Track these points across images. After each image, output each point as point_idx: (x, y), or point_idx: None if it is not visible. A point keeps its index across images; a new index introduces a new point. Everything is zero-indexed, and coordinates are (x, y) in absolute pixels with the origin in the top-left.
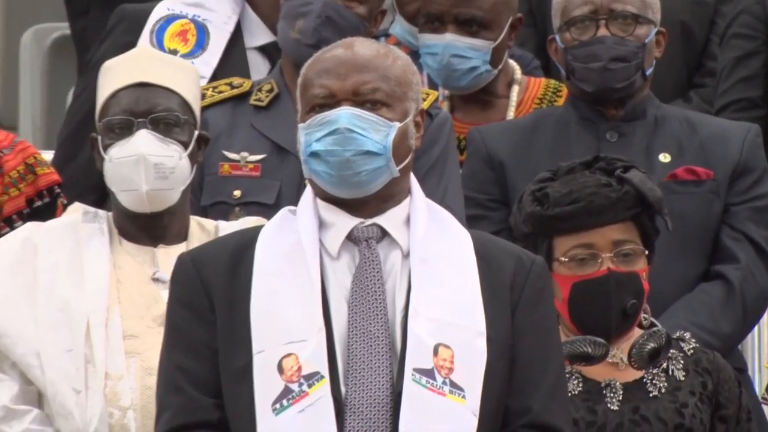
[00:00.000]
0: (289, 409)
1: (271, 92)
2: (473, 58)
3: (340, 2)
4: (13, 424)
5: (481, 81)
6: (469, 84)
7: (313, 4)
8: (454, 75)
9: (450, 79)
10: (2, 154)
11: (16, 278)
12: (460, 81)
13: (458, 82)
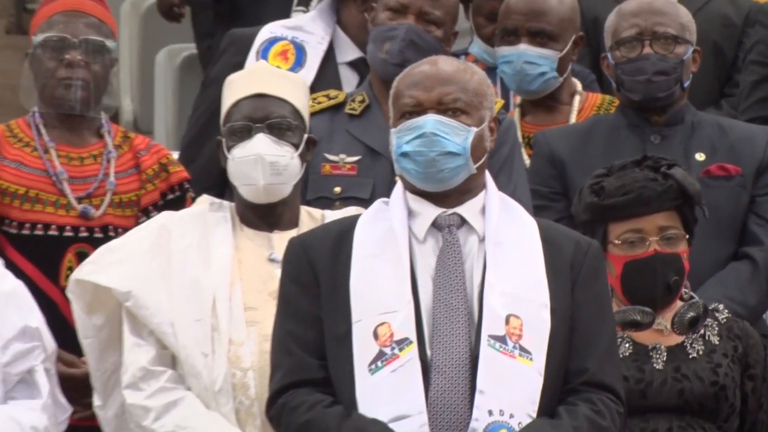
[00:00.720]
0: (383, 369)
1: (363, 103)
2: (542, 65)
3: (421, 27)
4: (151, 383)
5: (548, 86)
6: (538, 88)
7: (398, 29)
8: (526, 79)
9: (522, 83)
10: (140, 155)
11: (153, 259)
12: (531, 85)
13: (529, 86)
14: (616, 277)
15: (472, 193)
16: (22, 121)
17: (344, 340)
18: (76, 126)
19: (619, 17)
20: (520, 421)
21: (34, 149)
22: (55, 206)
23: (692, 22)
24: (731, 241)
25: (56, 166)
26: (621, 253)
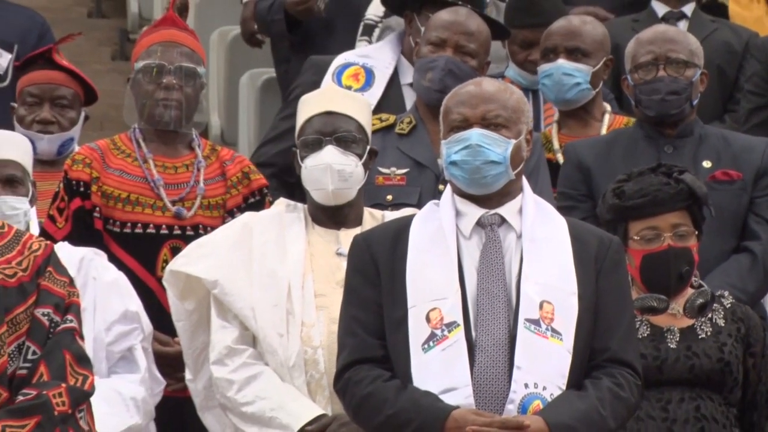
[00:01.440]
0: (434, 348)
1: (410, 124)
2: (578, 77)
3: (458, 59)
4: (234, 359)
5: (583, 96)
6: (574, 97)
7: (437, 60)
8: (563, 89)
9: (560, 93)
10: (226, 164)
11: (236, 252)
12: (568, 94)
13: (566, 94)
14: (636, 268)
15: (511, 195)
16: (125, 136)
17: (401, 323)
18: (171, 140)
19: (637, 45)
20: (551, 392)
21: (134, 159)
22: (152, 208)
23: (700, 48)
24: (733, 237)
25: (154, 174)
26: (639, 247)
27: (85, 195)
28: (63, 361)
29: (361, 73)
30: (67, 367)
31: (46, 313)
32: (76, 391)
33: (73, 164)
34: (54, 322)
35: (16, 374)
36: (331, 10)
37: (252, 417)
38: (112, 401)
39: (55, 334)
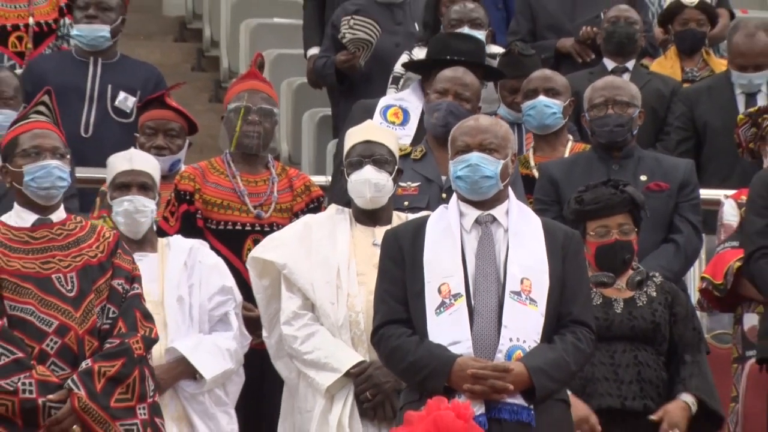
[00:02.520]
0: (444, 312)
1: (422, 152)
2: (554, 108)
3: (457, 103)
4: (298, 321)
5: (557, 123)
6: (552, 122)
7: (442, 104)
8: (544, 117)
9: (542, 120)
10: (293, 180)
11: (300, 243)
12: (548, 120)
13: (546, 120)
14: (591, 255)
15: (500, 201)
16: (219, 159)
17: (419, 294)
18: (253, 161)
19: (592, 90)
20: (529, 345)
21: (226, 176)
22: (239, 211)
23: (638, 93)
24: (663, 231)
25: (240, 186)
26: (594, 240)
27: (190, 202)
28: (135, 318)
29: (399, 112)
30: (138, 322)
31: (119, 283)
32: (147, 339)
33: (181, 179)
34: (125, 290)
35: (102, 329)
36: (368, 66)
37: (311, 362)
38: (213, 351)
39: (126, 298)
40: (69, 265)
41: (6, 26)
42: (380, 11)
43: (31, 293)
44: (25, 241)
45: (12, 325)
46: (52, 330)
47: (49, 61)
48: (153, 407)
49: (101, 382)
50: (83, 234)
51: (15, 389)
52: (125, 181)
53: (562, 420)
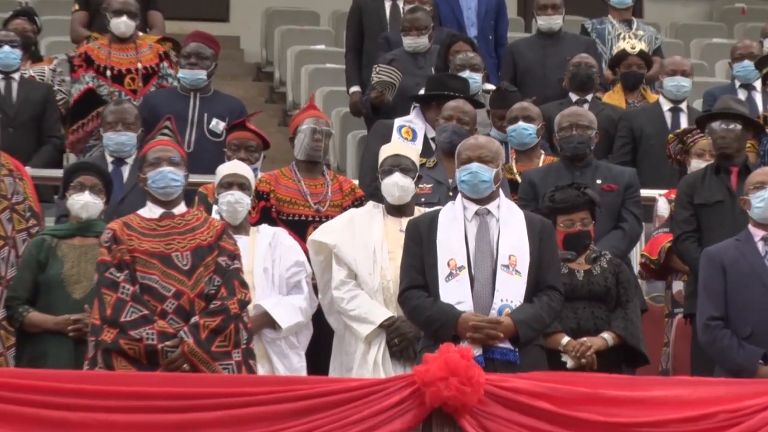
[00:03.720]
0: (451, 280)
1: (434, 162)
2: (530, 130)
3: (459, 126)
4: (345, 287)
5: (532, 141)
6: (529, 141)
7: (448, 127)
8: (522, 137)
9: (521, 139)
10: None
11: (346, 230)
12: (526, 139)
13: (525, 139)
14: (560, 240)
15: (493, 198)
16: (287, 168)
17: (433, 266)
18: (312, 169)
19: (561, 117)
20: (515, 304)
21: (293, 180)
22: (303, 206)
23: (595, 119)
24: (613, 221)
25: (304, 188)
26: (563, 230)
27: (267, 199)
28: (233, 285)
29: (409, 131)
30: (236, 288)
31: (223, 260)
32: (242, 301)
33: (259, 182)
34: (228, 264)
35: (208, 293)
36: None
37: (354, 317)
38: (289, 308)
39: (228, 271)
40: (185, 246)
41: (122, 70)
42: (408, 58)
43: (156, 267)
44: (153, 228)
45: (142, 291)
46: (170, 294)
47: (160, 95)
48: (246, 352)
49: (205, 333)
50: (198, 223)
51: (141, 337)
52: (229, 181)
53: (538, 359)
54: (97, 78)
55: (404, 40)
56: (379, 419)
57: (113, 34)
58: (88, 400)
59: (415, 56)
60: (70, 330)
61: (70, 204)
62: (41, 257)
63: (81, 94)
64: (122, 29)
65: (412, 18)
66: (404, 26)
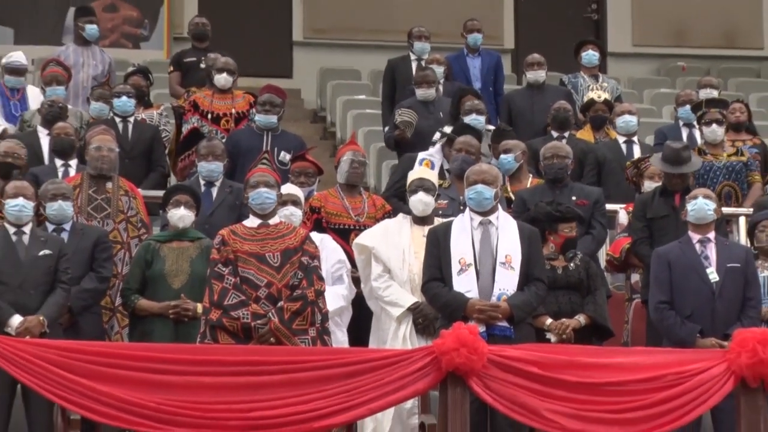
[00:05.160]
0: (462, 274)
1: (449, 184)
2: (509, 159)
3: (467, 156)
4: (381, 278)
5: (512, 167)
6: (510, 167)
7: (459, 157)
8: (504, 165)
9: (505, 166)
10: (375, 200)
11: (381, 235)
12: (507, 166)
13: (507, 167)
14: (560, 243)
15: (493, 212)
16: (334, 189)
17: (448, 263)
18: (352, 190)
19: (545, 149)
20: (510, 292)
21: (338, 198)
22: (346, 218)
23: (571, 150)
24: (584, 228)
25: (346, 204)
26: (564, 234)
27: (318, 213)
28: (312, 279)
29: (429, 162)
30: (314, 281)
31: (306, 259)
32: (318, 291)
33: (312, 200)
34: (308, 263)
35: (292, 284)
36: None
37: (388, 302)
38: (334, 296)
39: (309, 267)
40: (276, 248)
41: (219, 114)
42: (421, 105)
43: (252, 264)
44: (252, 234)
45: (241, 281)
46: (263, 285)
47: (241, 133)
48: (321, 330)
49: (288, 314)
50: (287, 231)
51: (239, 317)
52: (285, 199)
53: (528, 335)
54: (200, 120)
55: (417, 91)
56: (407, 380)
57: (215, 86)
58: (184, 366)
59: (426, 104)
60: (171, 313)
61: (169, 216)
62: (148, 257)
63: (188, 133)
64: (222, 83)
65: (423, 75)
66: (416, 80)
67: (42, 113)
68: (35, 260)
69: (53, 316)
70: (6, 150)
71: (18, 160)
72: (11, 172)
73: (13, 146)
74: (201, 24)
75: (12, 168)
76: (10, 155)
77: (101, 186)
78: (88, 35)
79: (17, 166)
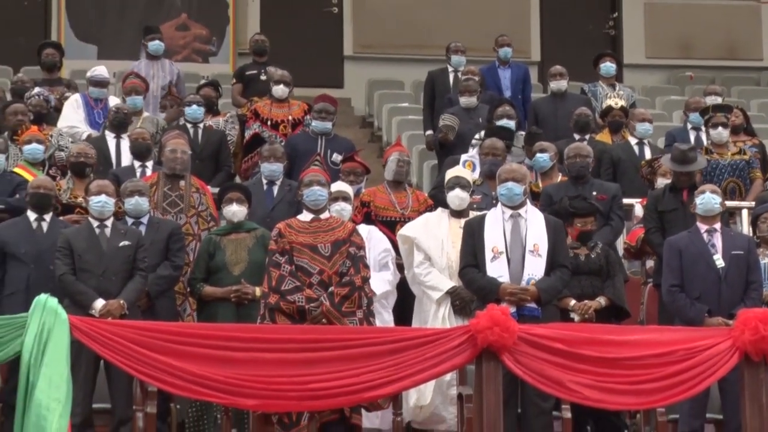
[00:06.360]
0: (495, 261)
1: (482, 181)
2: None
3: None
4: (423, 265)
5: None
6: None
7: (488, 160)
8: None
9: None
10: (419, 195)
11: (423, 227)
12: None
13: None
14: (575, 235)
15: (522, 206)
16: (382, 186)
17: (482, 251)
18: (398, 186)
19: (568, 150)
20: (538, 277)
21: (385, 193)
22: (393, 211)
23: (591, 151)
24: (604, 220)
25: (393, 199)
26: (579, 228)
27: (368, 207)
28: (359, 267)
29: (470, 164)
30: (360, 269)
31: (353, 250)
32: (364, 278)
33: (363, 196)
34: (355, 253)
35: (341, 272)
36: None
37: (429, 286)
38: (381, 281)
39: (356, 257)
40: (327, 239)
41: (278, 121)
42: (463, 112)
43: (306, 253)
44: (306, 227)
45: (296, 269)
46: (315, 272)
47: (297, 138)
48: (366, 312)
49: (338, 298)
50: (337, 225)
51: (294, 301)
52: (336, 195)
53: (554, 315)
54: (261, 126)
55: (460, 99)
56: (446, 356)
57: (274, 96)
58: (247, 344)
59: (468, 110)
60: (232, 297)
61: (224, 213)
62: (210, 249)
63: (250, 138)
64: (280, 93)
65: (466, 84)
66: (460, 89)
67: (109, 119)
68: (116, 250)
69: (132, 299)
70: (78, 151)
71: (89, 160)
72: (84, 170)
73: (84, 148)
74: (261, 41)
75: (84, 167)
76: (82, 155)
77: (175, 184)
78: (152, 51)
79: (89, 164)
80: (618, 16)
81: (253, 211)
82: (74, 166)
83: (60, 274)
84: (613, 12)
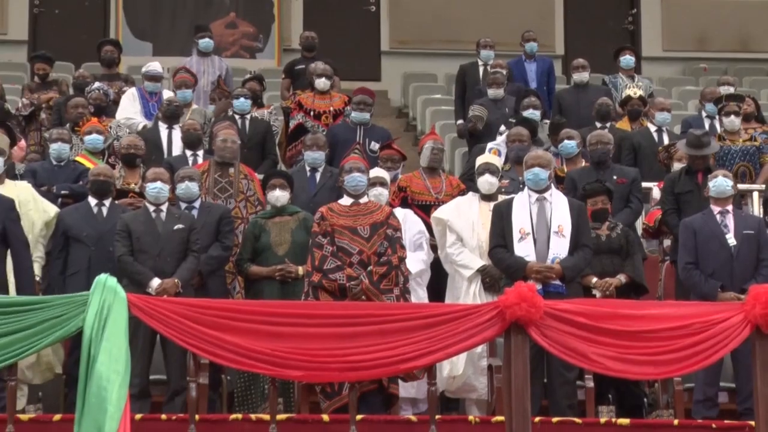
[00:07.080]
0: (522, 241)
1: (509, 167)
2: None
3: (519, 145)
4: (455, 245)
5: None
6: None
7: (515, 146)
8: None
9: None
10: (452, 180)
11: (455, 210)
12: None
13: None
14: (590, 214)
15: (548, 189)
16: (417, 172)
17: (510, 232)
18: (433, 173)
19: (590, 137)
20: (562, 256)
21: (421, 179)
22: (428, 195)
23: (612, 138)
24: (624, 202)
25: (428, 184)
26: (591, 207)
27: (405, 191)
28: (396, 247)
29: (497, 151)
30: (397, 249)
31: (390, 231)
32: (400, 257)
33: (400, 181)
34: (392, 234)
35: (379, 252)
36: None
37: (461, 265)
38: (416, 260)
39: (393, 238)
40: (366, 222)
41: (320, 112)
42: (491, 103)
43: (346, 235)
44: (346, 211)
45: (337, 250)
46: (355, 252)
47: (338, 128)
48: (403, 289)
49: (376, 277)
50: (375, 209)
51: (336, 279)
52: (374, 181)
53: (577, 291)
54: (304, 116)
55: (488, 91)
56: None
57: (316, 89)
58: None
59: (495, 101)
60: (277, 275)
61: (268, 198)
62: (256, 232)
63: (294, 127)
64: (322, 86)
65: (494, 77)
66: (489, 82)
67: (161, 111)
68: (171, 233)
69: (186, 278)
70: (129, 143)
71: (139, 151)
72: (134, 160)
73: (133, 140)
74: (310, 38)
75: (134, 157)
76: (132, 147)
77: (225, 171)
78: (201, 48)
79: (138, 155)
80: (637, 12)
81: (297, 196)
82: (125, 157)
83: (119, 255)
84: (632, 8)
